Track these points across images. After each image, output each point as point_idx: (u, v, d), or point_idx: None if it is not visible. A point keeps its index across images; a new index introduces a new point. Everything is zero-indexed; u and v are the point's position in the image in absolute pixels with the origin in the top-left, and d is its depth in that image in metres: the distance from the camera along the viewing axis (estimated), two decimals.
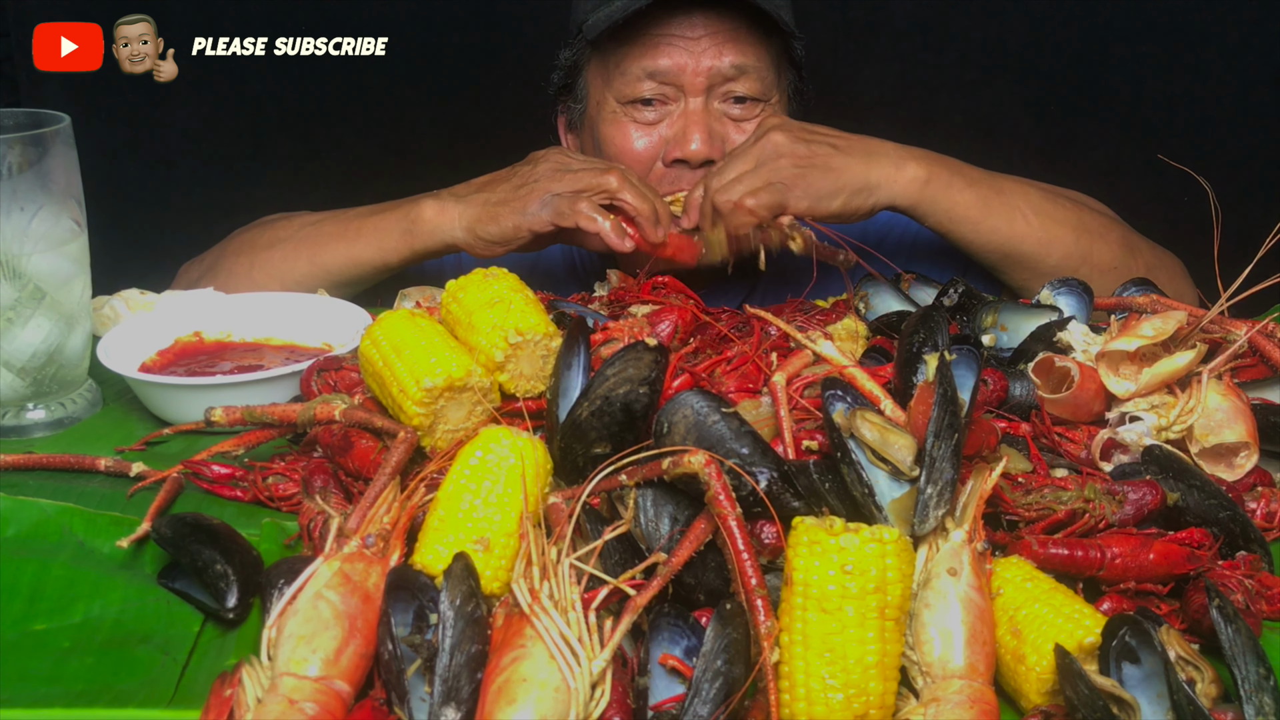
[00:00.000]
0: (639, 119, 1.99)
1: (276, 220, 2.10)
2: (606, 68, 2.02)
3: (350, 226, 1.99)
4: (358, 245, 1.97)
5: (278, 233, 2.05)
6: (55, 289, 1.57)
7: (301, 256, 1.99)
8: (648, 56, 1.95)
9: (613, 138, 2.02)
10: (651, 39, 1.94)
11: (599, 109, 2.05)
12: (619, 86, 1.99)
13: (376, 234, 1.96)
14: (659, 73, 1.95)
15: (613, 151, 2.03)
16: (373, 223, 1.97)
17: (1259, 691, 1.00)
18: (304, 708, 0.99)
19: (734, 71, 1.95)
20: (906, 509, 1.12)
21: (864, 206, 1.86)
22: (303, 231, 2.02)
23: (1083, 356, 1.47)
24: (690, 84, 1.94)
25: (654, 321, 1.54)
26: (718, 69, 1.94)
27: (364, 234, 1.97)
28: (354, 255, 1.97)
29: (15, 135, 1.51)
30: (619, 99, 2.00)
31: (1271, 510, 1.37)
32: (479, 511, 1.15)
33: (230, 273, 2.02)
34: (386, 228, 1.95)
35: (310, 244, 2.00)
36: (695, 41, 1.93)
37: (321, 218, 2.05)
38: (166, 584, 1.23)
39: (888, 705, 1.03)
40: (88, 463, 1.45)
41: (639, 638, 1.08)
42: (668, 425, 1.20)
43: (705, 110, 1.96)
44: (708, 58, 1.93)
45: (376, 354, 1.38)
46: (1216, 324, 1.53)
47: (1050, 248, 1.87)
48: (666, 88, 1.96)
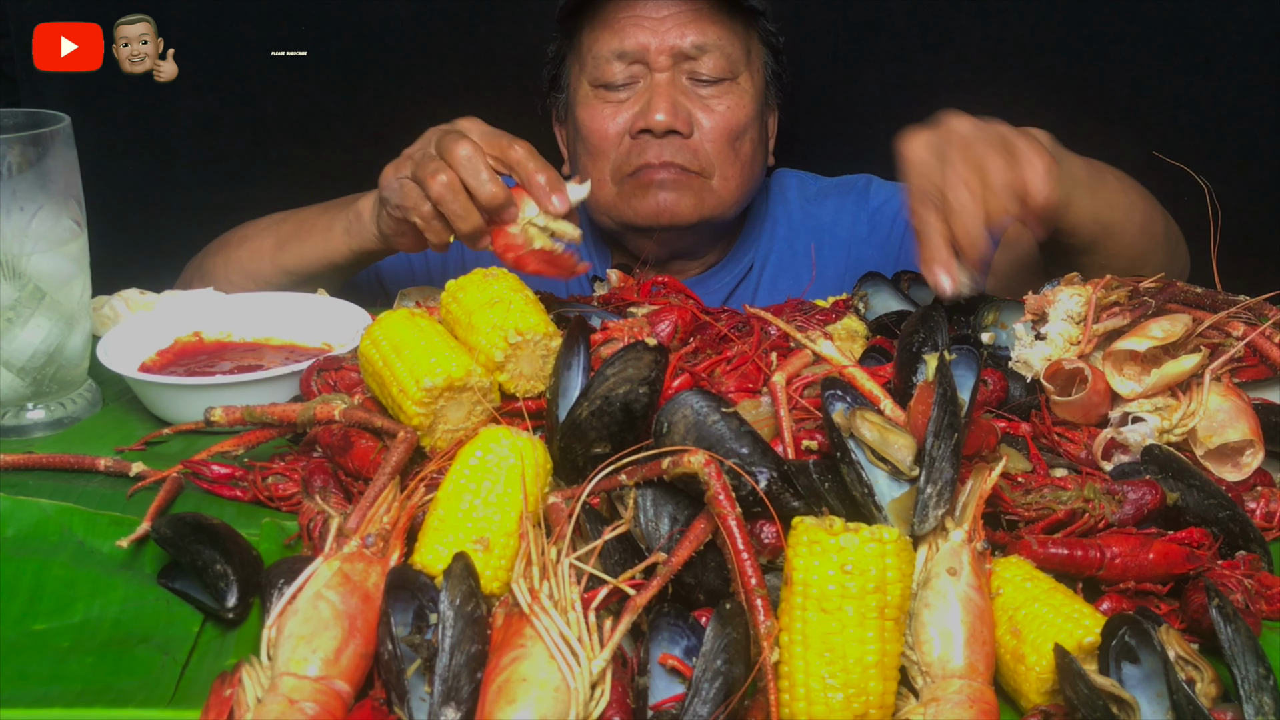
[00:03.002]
0: (609, 99, 2.05)
1: (260, 219, 2.08)
2: (580, 54, 2.09)
3: (304, 224, 1.94)
4: (307, 245, 1.92)
5: (247, 231, 2.04)
6: (55, 289, 1.57)
7: (264, 256, 1.97)
8: (615, 38, 2.02)
9: (585, 120, 2.08)
10: (618, 21, 2.02)
11: (575, 94, 2.12)
12: (591, 70, 2.06)
13: (324, 233, 1.90)
14: (626, 53, 2.01)
15: (585, 132, 2.09)
16: (323, 221, 1.91)
17: (1259, 691, 1.00)
18: (304, 707, 0.99)
19: (695, 50, 2.01)
20: (906, 509, 1.12)
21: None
22: (268, 230, 2.00)
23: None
24: (655, 60, 2.01)
25: (654, 321, 1.54)
26: (679, 47, 2.00)
27: (314, 232, 1.91)
28: (304, 255, 1.92)
29: (15, 135, 1.51)
30: (592, 82, 2.07)
31: (1271, 510, 1.37)
32: (479, 511, 1.15)
33: (211, 272, 2.03)
34: (331, 226, 1.89)
35: (271, 243, 1.97)
36: (660, 21, 2.00)
37: (286, 216, 2.01)
38: (166, 584, 1.23)
39: (887, 705, 1.03)
40: (87, 463, 1.45)
41: (639, 638, 1.08)
42: (667, 425, 1.20)
43: (670, 83, 2.02)
44: (671, 36, 2.00)
45: (376, 354, 1.38)
46: (1216, 325, 1.53)
47: (1132, 213, 1.72)
48: (635, 67, 2.02)
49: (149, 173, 3.10)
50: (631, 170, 2.05)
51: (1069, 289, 1.50)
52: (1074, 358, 1.45)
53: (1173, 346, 1.44)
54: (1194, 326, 1.46)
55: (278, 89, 3.03)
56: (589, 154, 2.11)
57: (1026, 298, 1.54)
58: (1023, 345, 1.50)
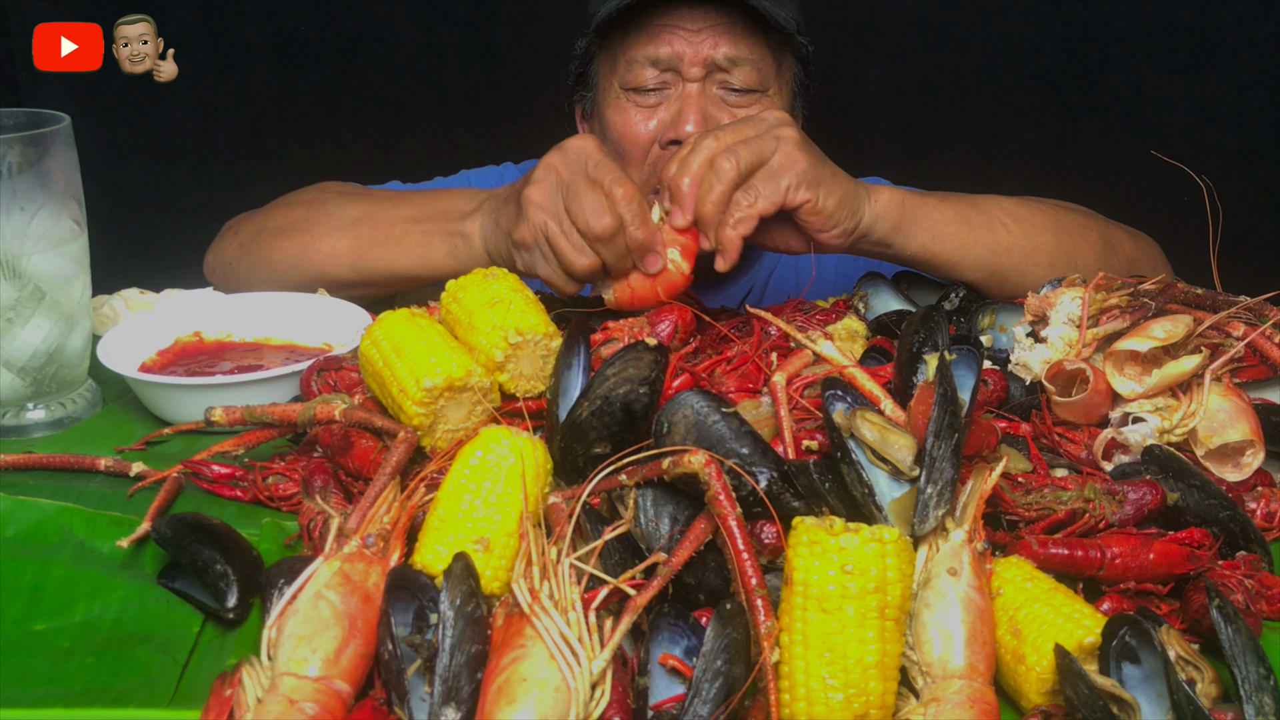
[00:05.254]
0: (640, 103, 2.05)
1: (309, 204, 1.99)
2: (613, 56, 2.09)
3: (390, 234, 1.86)
4: (398, 258, 1.84)
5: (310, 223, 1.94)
6: (55, 289, 1.57)
7: (340, 259, 1.88)
8: (650, 45, 2.02)
9: (615, 122, 2.08)
10: (654, 29, 2.02)
11: (605, 95, 2.12)
12: (623, 73, 2.06)
13: (419, 249, 1.82)
14: (660, 60, 2.01)
15: (615, 135, 2.09)
16: (416, 236, 1.83)
17: (1259, 691, 1.00)
18: (304, 707, 0.99)
19: (728, 63, 2.01)
20: (906, 509, 1.12)
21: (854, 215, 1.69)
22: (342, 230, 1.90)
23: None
24: (687, 71, 2.01)
25: (654, 321, 1.54)
26: (713, 58, 2.00)
27: (406, 245, 1.84)
28: (394, 266, 1.85)
29: (15, 135, 1.51)
30: (623, 85, 2.06)
31: (1271, 510, 1.37)
32: (479, 511, 1.15)
33: (267, 262, 1.94)
34: (429, 245, 1.81)
35: (348, 245, 1.89)
36: (695, 33, 2.00)
37: (357, 214, 1.92)
38: (166, 584, 1.23)
39: (888, 705, 1.03)
40: (88, 463, 1.45)
41: (639, 638, 1.08)
42: (668, 425, 1.20)
43: (701, 94, 2.02)
44: (705, 47, 2.00)
45: (376, 354, 1.38)
46: (1216, 325, 1.53)
47: (1035, 255, 1.80)
48: (666, 74, 2.02)
49: (149, 173, 3.11)
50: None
51: (1071, 291, 1.50)
52: (1073, 358, 1.45)
53: (1173, 347, 1.44)
54: (1195, 327, 1.46)
55: (278, 89, 3.03)
56: (617, 156, 2.11)
57: (1026, 299, 1.54)
58: (1022, 348, 1.50)
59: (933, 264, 1.74)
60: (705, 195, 1.53)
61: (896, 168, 2.35)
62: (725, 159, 1.54)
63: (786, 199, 1.56)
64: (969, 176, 2.60)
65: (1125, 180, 2.86)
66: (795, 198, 1.56)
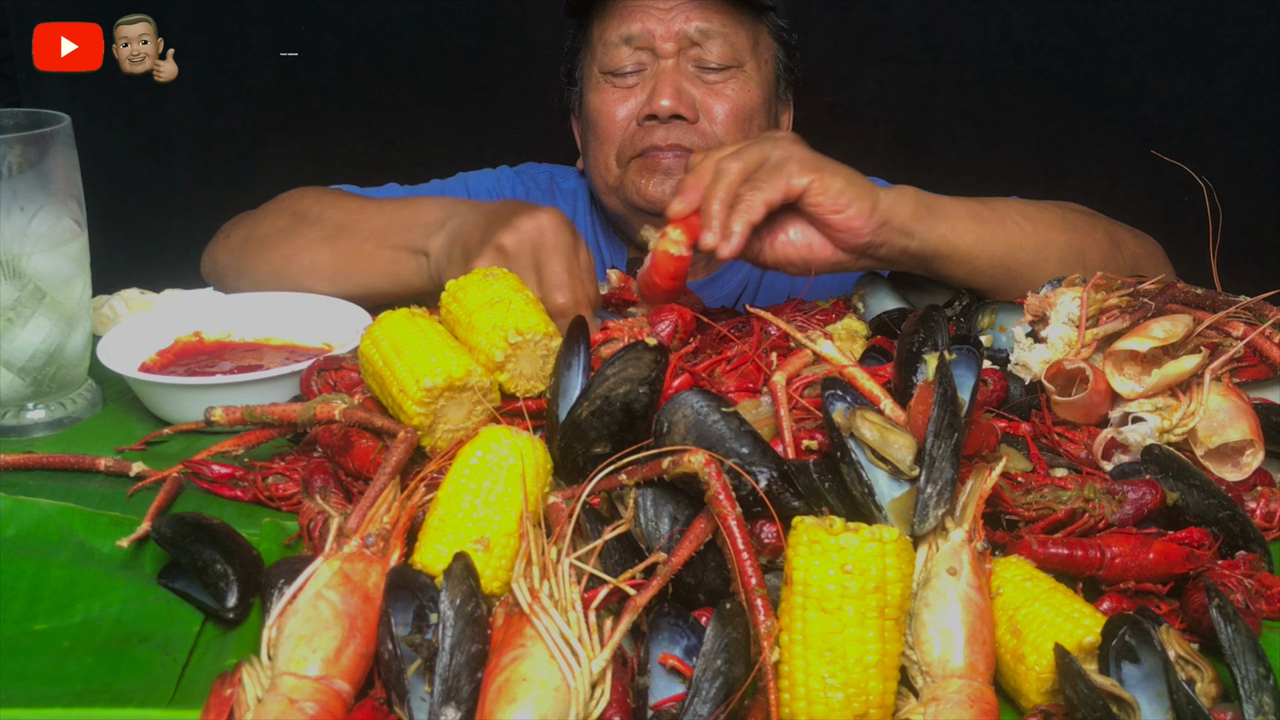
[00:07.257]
0: (618, 84, 2.12)
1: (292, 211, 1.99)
2: (591, 43, 2.16)
3: (361, 252, 1.86)
4: (369, 278, 1.84)
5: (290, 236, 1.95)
6: (55, 289, 1.57)
7: (320, 273, 1.88)
8: (623, 24, 2.09)
9: (594, 104, 2.15)
10: (627, 9, 2.09)
11: (586, 82, 2.19)
12: (600, 57, 2.13)
13: (388, 268, 1.83)
14: (633, 37, 2.08)
15: (594, 116, 2.14)
16: (384, 257, 1.83)
17: (1259, 691, 1.00)
18: (304, 707, 0.99)
19: (700, 36, 2.06)
20: (906, 508, 1.12)
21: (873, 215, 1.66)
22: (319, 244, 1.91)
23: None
24: (660, 46, 2.07)
25: (654, 321, 1.54)
26: (685, 32, 2.06)
27: (376, 265, 1.84)
28: (369, 286, 1.85)
29: (15, 135, 1.51)
30: (601, 70, 2.13)
31: (1271, 510, 1.37)
32: (479, 511, 1.15)
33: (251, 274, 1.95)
34: (397, 263, 1.82)
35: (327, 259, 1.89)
36: (666, 10, 2.07)
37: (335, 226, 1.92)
38: (166, 584, 1.23)
39: (887, 705, 1.03)
40: (88, 463, 1.45)
41: (639, 637, 1.08)
42: (668, 425, 1.20)
43: (675, 70, 2.07)
44: (677, 21, 2.07)
45: (376, 354, 1.38)
46: (1216, 325, 1.53)
47: (1048, 251, 1.78)
48: (641, 54, 2.08)
49: (149, 173, 3.11)
50: (638, 151, 2.10)
51: (1071, 291, 1.50)
52: (1073, 358, 1.45)
53: (1173, 347, 1.44)
54: (1194, 327, 1.46)
55: (277, 89, 3.03)
56: (597, 139, 2.16)
57: (1026, 299, 1.54)
58: (1022, 348, 1.50)
59: (954, 257, 1.68)
60: (711, 191, 1.53)
61: (896, 168, 2.35)
62: (729, 161, 1.56)
63: (791, 184, 1.54)
64: (969, 176, 2.60)
65: (1125, 180, 2.86)
66: (799, 182, 1.54)
